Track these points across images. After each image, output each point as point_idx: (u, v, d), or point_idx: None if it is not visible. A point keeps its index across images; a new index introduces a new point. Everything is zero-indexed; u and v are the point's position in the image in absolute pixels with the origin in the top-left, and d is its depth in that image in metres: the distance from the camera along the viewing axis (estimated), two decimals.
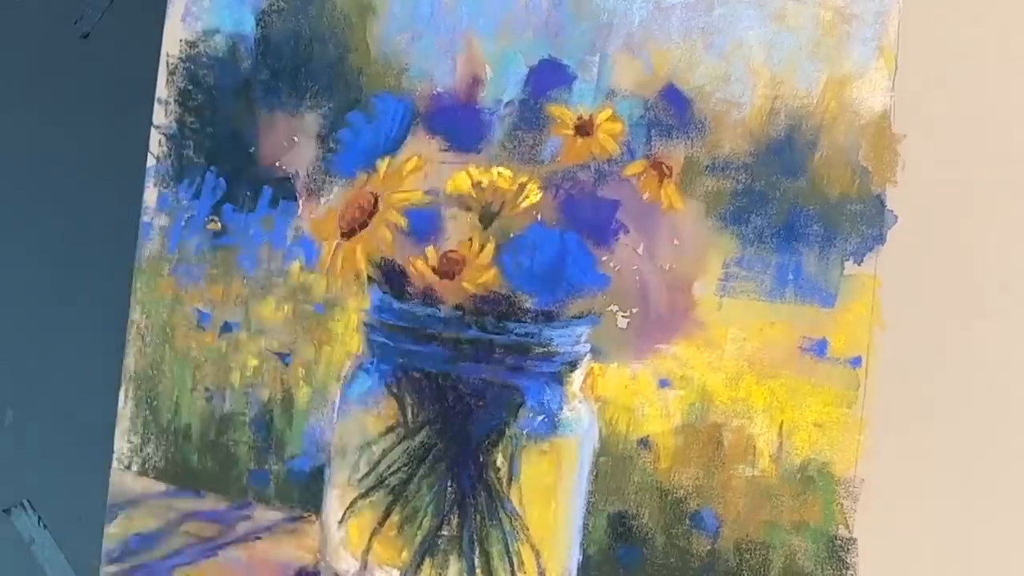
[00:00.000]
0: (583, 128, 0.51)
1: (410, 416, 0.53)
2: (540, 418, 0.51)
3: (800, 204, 0.46)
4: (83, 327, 0.66)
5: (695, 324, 0.48)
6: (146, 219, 0.61)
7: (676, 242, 0.48)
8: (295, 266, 0.58)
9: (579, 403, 0.50)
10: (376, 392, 0.53)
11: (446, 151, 0.48)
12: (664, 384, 0.48)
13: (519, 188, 0.50)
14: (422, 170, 0.52)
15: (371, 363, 0.53)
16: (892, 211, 0.44)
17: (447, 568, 0.52)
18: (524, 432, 0.51)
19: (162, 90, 0.61)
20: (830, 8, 0.45)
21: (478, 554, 0.52)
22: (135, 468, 0.61)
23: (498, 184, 0.50)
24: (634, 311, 0.49)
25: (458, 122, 0.53)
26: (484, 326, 0.51)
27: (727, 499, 0.47)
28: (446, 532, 0.52)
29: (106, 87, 0.66)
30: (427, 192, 0.52)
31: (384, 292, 0.52)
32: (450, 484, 0.52)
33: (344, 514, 0.55)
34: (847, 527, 0.44)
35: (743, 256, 0.47)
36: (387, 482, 0.54)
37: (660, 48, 0.48)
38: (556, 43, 0.50)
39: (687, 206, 0.48)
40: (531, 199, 0.50)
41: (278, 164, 0.58)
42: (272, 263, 0.58)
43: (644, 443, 0.49)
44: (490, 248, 0.49)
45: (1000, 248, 0.43)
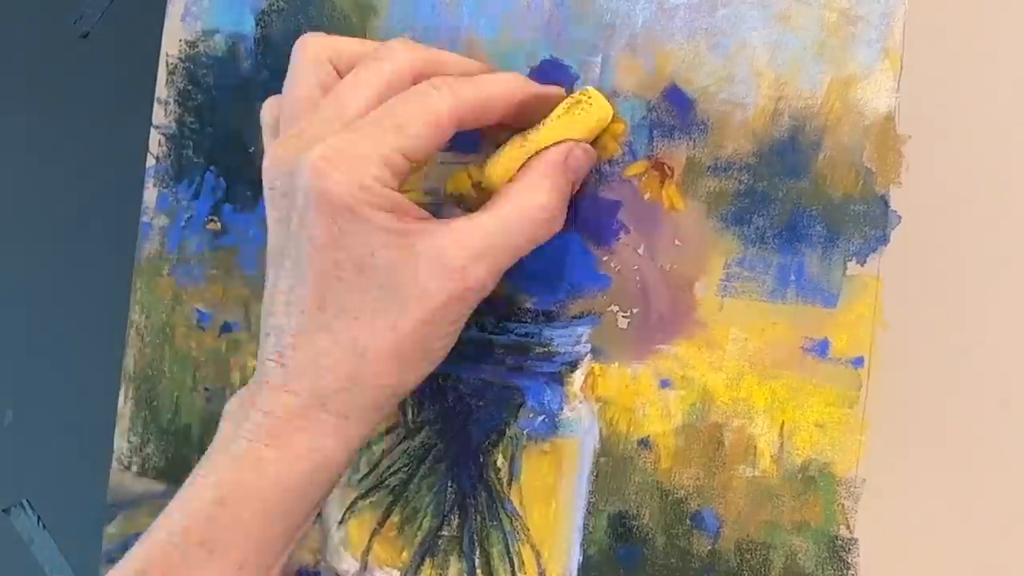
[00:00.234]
0: None
1: (410, 416, 0.53)
2: (540, 418, 0.51)
3: (803, 205, 0.46)
4: (83, 327, 0.66)
5: (696, 324, 0.48)
6: (146, 219, 0.61)
7: (677, 242, 0.48)
8: None
9: (579, 403, 0.50)
10: None
11: (446, 151, 0.47)
12: (665, 384, 0.48)
13: None
14: (422, 170, 0.52)
15: None
16: (896, 212, 0.44)
17: (447, 568, 0.52)
18: (524, 432, 0.51)
19: (162, 90, 0.61)
20: (835, 9, 0.45)
21: (478, 554, 0.52)
22: (135, 468, 0.61)
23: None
24: (635, 311, 0.49)
25: None
26: (484, 326, 0.51)
27: (728, 499, 0.47)
28: (446, 532, 0.52)
29: (106, 87, 0.66)
30: (427, 192, 0.52)
31: None
32: (450, 484, 0.52)
33: (344, 514, 0.55)
34: (848, 527, 0.44)
35: (745, 256, 0.47)
36: (387, 482, 0.54)
37: (663, 49, 0.48)
38: (558, 43, 0.50)
39: (689, 207, 0.48)
40: None
41: None
42: None
43: (645, 443, 0.48)
44: None
45: (1004, 249, 0.43)
